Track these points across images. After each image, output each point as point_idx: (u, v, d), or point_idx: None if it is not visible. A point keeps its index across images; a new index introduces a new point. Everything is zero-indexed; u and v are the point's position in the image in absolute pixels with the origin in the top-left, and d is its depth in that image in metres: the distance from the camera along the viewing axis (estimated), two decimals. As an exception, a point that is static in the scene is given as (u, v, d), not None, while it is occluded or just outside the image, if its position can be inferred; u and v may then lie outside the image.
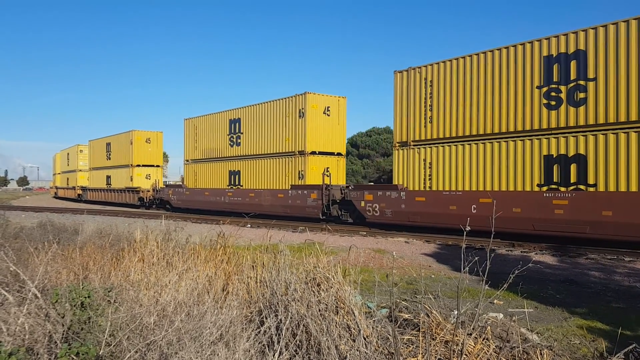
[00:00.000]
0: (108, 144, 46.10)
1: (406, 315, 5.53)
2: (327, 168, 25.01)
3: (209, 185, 31.65)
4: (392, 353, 4.30)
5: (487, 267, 4.29)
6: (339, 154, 26.37)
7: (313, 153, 24.89)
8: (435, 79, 18.66)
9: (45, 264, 5.78)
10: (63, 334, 4.12)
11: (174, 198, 34.84)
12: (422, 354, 4.28)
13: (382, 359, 4.26)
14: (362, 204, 20.89)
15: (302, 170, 24.84)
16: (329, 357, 4.13)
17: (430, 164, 18.64)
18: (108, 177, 45.71)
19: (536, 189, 15.52)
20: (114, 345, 4.07)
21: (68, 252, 7.90)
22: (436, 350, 4.44)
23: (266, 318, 4.73)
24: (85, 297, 4.48)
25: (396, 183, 19.75)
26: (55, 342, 4.07)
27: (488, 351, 4.41)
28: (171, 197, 35.19)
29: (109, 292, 4.92)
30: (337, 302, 4.98)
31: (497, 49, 16.77)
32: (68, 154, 58.23)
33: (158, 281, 5.80)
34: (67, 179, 57.89)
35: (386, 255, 13.59)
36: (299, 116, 25.03)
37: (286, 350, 4.28)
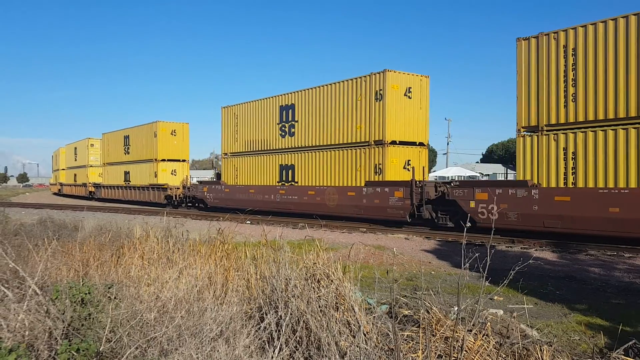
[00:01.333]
0: (126, 137, 41.77)
1: (406, 312, 5.54)
2: (409, 161, 21.58)
3: (254, 182, 28.05)
4: (392, 349, 4.30)
5: (488, 264, 4.29)
6: (421, 144, 22.33)
7: (393, 143, 21.00)
8: (582, 46, 14.81)
9: (45, 260, 5.77)
10: (63, 331, 4.12)
11: (210, 196, 31.04)
12: (422, 350, 4.28)
13: (382, 355, 4.26)
14: (472, 204, 17.00)
15: (379, 164, 20.92)
16: (329, 354, 4.13)
17: (575, 154, 14.89)
18: (126, 173, 41.63)
19: None
20: (114, 342, 4.07)
21: (68, 248, 7.91)
22: (436, 347, 4.44)
23: (266, 314, 4.74)
24: (86, 294, 4.48)
25: (522, 178, 16.02)
26: (56, 338, 4.07)
27: (488, 347, 4.42)
28: (207, 195, 31.41)
29: (109, 288, 4.92)
30: (337, 299, 4.98)
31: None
32: (75, 148, 54.34)
33: (158, 277, 5.81)
34: (75, 175, 54.35)
35: (386, 251, 13.60)
36: (376, 99, 20.99)
37: (286, 346, 4.28)
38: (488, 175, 79.27)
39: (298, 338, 4.43)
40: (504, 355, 4.39)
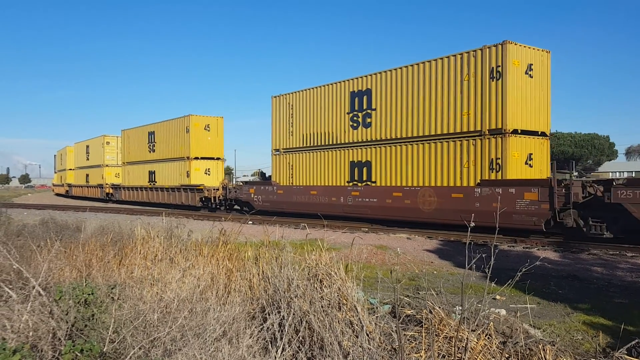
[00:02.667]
0: (151, 134, 37.66)
1: (409, 312, 5.54)
2: (530, 155, 17.48)
3: (316, 182, 23.99)
4: (396, 349, 4.31)
5: (492, 264, 4.29)
6: (542, 134, 18.02)
7: (515, 132, 16.74)
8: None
9: (49, 261, 5.78)
10: (67, 331, 4.13)
11: (259, 198, 27.24)
12: (425, 350, 4.28)
13: (385, 355, 4.26)
14: None
15: (497, 159, 16.72)
16: (332, 354, 4.13)
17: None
18: (151, 173, 37.57)
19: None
20: (117, 342, 4.08)
21: (71, 249, 7.92)
22: (439, 347, 4.44)
23: (269, 314, 4.74)
24: (89, 294, 4.49)
25: None
26: (59, 339, 4.08)
27: (491, 347, 4.42)
28: (254, 197, 27.55)
29: (112, 289, 4.93)
30: (339, 299, 4.99)
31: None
32: (88, 146, 50.64)
33: (161, 278, 5.82)
34: (87, 175, 50.40)
35: (388, 251, 13.60)
36: (491, 78, 16.94)
37: (289, 346, 4.28)
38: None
39: (301, 338, 4.43)
40: (507, 355, 4.40)
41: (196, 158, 33.11)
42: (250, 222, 22.67)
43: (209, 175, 33.40)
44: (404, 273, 10.33)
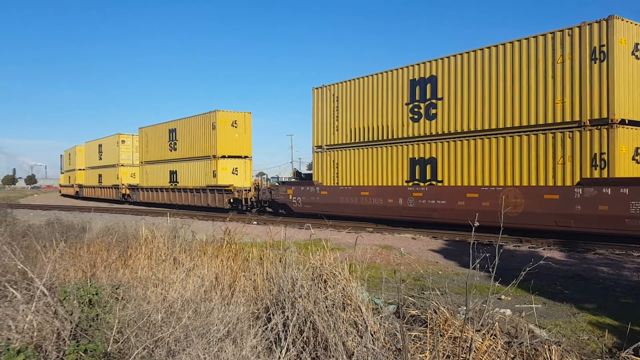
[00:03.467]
0: (172, 131, 35.66)
1: (414, 312, 5.52)
2: (638, 148, 15.15)
3: (366, 182, 21.63)
4: (400, 349, 4.29)
5: (496, 263, 4.27)
6: None
7: (622, 123, 14.45)
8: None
9: (53, 261, 5.80)
10: (71, 331, 4.14)
11: (298, 200, 25.05)
12: (430, 350, 4.26)
13: (390, 355, 4.24)
14: None
15: (602, 154, 14.43)
16: (336, 354, 4.12)
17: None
18: (172, 173, 35.52)
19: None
20: (122, 342, 4.09)
21: (76, 249, 7.94)
22: (444, 347, 4.42)
23: (273, 315, 4.73)
24: (93, 295, 4.50)
25: None
26: (64, 339, 4.09)
27: (496, 347, 4.39)
28: (293, 198, 25.36)
29: (116, 289, 4.94)
30: (344, 299, 4.98)
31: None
32: (100, 145, 48.63)
33: (165, 278, 5.82)
34: (100, 175, 48.54)
35: (393, 251, 13.57)
36: (592, 59, 14.71)
37: (293, 346, 4.27)
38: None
39: (305, 338, 4.42)
40: (512, 356, 4.37)
41: (223, 157, 31.05)
42: (255, 223, 22.68)
43: (236, 175, 31.38)
44: (408, 273, 10.30)
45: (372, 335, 4.38)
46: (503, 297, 7.87)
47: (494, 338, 4.56)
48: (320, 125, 24.35)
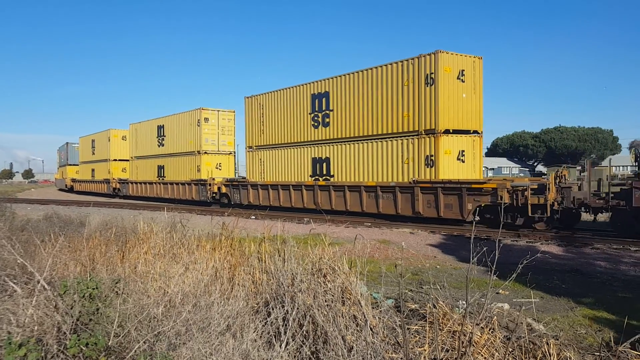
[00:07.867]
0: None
1: (413, 306, 5.55)
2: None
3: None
4: (399, 343, 4.31)
5: (496, 258, 4.29)
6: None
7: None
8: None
9: (53, 256, 5.80)
10: (72, 325, 4.15)
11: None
12: (429, 344, 4.29)
13: (389, 349, 4.27)
14: None
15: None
16: (335, 348, 4.14)
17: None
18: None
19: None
20: (122, 336, 4.10)
21: (74, 244, 7.94)
22: (443, 341, 4.44)
23: (273, 309, 4.75)
24: (93, 289, 4.50)
25: None
26: (65, 333, 4.09)
27: (495, 341, 4.42)
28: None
29: (116, 283, 4.94)
30: (343, 293, 4.99)
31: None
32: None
33: (165, 272, 5.83)
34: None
35: (391, 246, 13.61)
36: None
37: (293, 340, 4.29)
38: (493, 169, 78.70)
39: (305, 332, 4.44)
40: (510, 349, 4.40)
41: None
42: (254, 217, 22.71)
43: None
44: (407, 267, 10.34)
45: (371, 329, 4.40)
46: (501, 291, 7.92)
47: (492, 332, 4.58)
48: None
